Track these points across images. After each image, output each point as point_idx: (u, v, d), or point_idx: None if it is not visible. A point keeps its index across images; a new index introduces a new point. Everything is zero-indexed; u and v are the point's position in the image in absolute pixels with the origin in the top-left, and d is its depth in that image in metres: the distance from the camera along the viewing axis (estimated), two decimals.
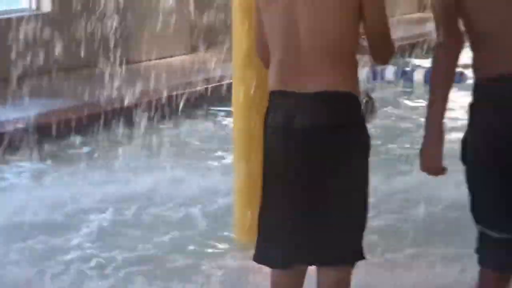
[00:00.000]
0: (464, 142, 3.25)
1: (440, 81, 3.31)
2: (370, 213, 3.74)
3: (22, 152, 7.58)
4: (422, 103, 8.13)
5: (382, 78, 11.23)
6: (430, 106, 3.30)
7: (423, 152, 3.32)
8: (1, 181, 7.11)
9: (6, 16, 10.78)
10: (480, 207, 3.27)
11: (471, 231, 3.58)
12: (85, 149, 8.17)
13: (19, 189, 6.98)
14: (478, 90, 3.20)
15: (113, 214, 5.91)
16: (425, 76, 9.21)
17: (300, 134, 3.34)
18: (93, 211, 6.01)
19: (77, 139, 8.28)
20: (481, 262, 3.30)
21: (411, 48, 14.30)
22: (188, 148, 8.57)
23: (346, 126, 3.35)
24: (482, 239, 3.29)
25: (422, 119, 3.64)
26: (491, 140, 3.14)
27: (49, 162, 7.58)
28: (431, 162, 3.38)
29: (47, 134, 8.11)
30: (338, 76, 3.33)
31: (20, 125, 8.08)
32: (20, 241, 5.35)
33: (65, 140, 8.29)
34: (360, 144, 3.41)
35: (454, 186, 5.78)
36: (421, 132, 3.59)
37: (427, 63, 10.17)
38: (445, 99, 3.31)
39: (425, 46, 13.23)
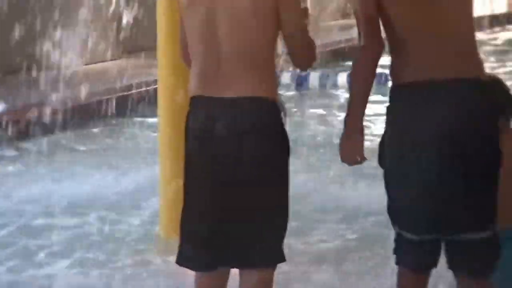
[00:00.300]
0: (382, 144, 3.36)
1: (360, 81, 3.41)
2: None
3: None
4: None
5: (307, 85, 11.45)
6: (349, 104, 3.43)
7: (342, 146, 3.44)
8: None
9: None
10: (396, 209, 3.37)
11: None
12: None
13: None
14: (393, 94, 3.32)
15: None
16: (348, 79, 9.39)
17: (219, 139, 3.39)
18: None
19: None
20: (398, 262, 3.43)
21: (337, 53, 14.39)
22: (112, 153, 8.49)
23: (264, 131, 3.42)
24: (399, 240, 3.39)
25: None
26: (403, 144, 3.26)
27: None
28: (351, 154, 3.49)
29: None
30: (256, 81, 3.41)
31: None
32: None
33: None
34: (279, 149, 3.47)
35: None
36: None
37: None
38: (364, 98, 3.41)
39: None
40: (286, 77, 11.02)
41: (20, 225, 6.31)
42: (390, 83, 3.77)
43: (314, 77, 11.13)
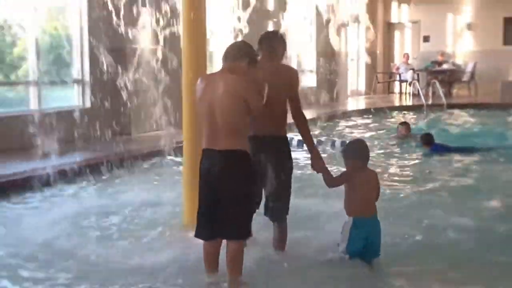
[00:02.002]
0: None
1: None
2: None
3: None
4: None
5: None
6: (308, 145, 5.19)
7: (314, 164, 5.09)
8: None
9: None
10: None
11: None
12: None
13: None
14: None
15: None
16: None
17: (215, 170, 4.60)
18: None
19: None
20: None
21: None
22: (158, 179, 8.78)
23: (237, 166, 4.63)
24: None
25: None
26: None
27: None
28: (322, 168, 5.09)
29: None
30: (235, 140, 4.61)
31: None
32: None
33: None
34: (244, 174, 4.65)
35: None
36: None
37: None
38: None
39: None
40: None
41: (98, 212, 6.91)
42: None
43: None
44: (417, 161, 10.45)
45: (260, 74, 4.82)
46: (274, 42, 5.23)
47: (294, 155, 5.44)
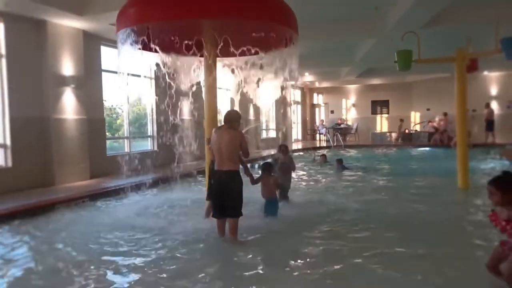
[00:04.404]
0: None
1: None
2: None
3: None
4: None
5: None
6: (246, 168, 4.89)
7: (247, 175, 4.78)
8: None
9: None
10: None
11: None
12: None
13: None
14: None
15: None
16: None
17: (221, 182, 4.53)
18: None
19: None
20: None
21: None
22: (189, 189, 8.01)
23: (233, 179, 4.54)
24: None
25: None
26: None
27: None
28: (250, 176, 4.84)
29: None
30: (232, 165, 4.55)
31: None
32: None
33: None
34: (238, 184, 4.56)
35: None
36: None
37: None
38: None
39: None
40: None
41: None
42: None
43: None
44: (330, 173, 10.66)
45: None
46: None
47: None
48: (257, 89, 6.86)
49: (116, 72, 8.25)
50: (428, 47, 8.00)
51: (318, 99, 27.06)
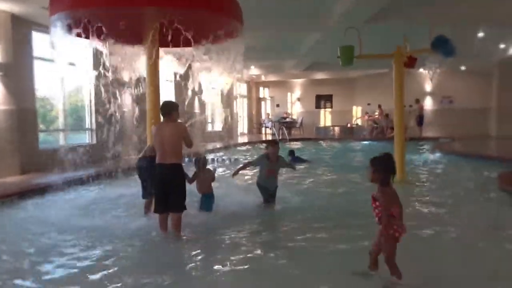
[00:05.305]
0: None
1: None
2: None
3: None
4: None
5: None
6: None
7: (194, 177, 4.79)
8: None
9: None
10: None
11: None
12: None
13: None
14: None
15: None
16: None
17: (164, 174, 4.43)
18: None
19: None
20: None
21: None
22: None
23: (177, 172, 4.48)
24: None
25: None
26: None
27: None
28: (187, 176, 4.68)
29: None
30: (175, 158, 4.46)
31: None
32: None
33: None
34: (181, 177, 4.53)
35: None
36: None
37: None
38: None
39: None
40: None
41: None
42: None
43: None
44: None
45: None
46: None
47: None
48: (202, 81, 6.77)
49: (50, 60, 7.79)
50: (371, 43, 8.20)
51: (264, 93, 27.21)
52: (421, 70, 21.46)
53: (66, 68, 5.40)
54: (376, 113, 21.17)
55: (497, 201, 6.04)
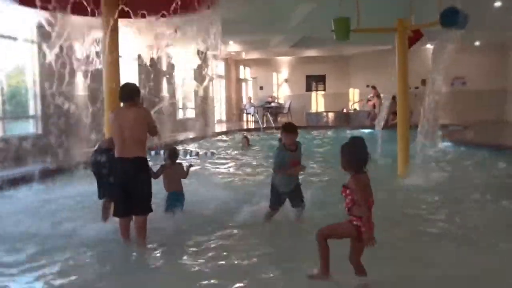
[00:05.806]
0: None
1: None
2: None
3: None
4: None
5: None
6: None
7: (159, 171, 4.85)
8: None
9: None
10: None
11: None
12: None
13: None
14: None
15: None
16: None
17: (126, 170, 4.39)
18: None
19: None
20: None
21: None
22: None
23: (141, 167, 4.45)
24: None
25: None
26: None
27: None
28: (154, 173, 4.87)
29: None
30: (138, 150, 4.41)
31: None
32: None
33: None
34: (146, 173, 4.50)
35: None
36: None
37: None
38: None
39: None
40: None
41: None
42: None
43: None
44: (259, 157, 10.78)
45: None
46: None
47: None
48: (172, 60, 6.73)
49: None
50: (371, 15, 8.22)
51: (245, 73, 27.28)
52: (428, 45, 21.56)
53: (4, 42, 5.23)
54: (370, 96, 20.91)
55: None
